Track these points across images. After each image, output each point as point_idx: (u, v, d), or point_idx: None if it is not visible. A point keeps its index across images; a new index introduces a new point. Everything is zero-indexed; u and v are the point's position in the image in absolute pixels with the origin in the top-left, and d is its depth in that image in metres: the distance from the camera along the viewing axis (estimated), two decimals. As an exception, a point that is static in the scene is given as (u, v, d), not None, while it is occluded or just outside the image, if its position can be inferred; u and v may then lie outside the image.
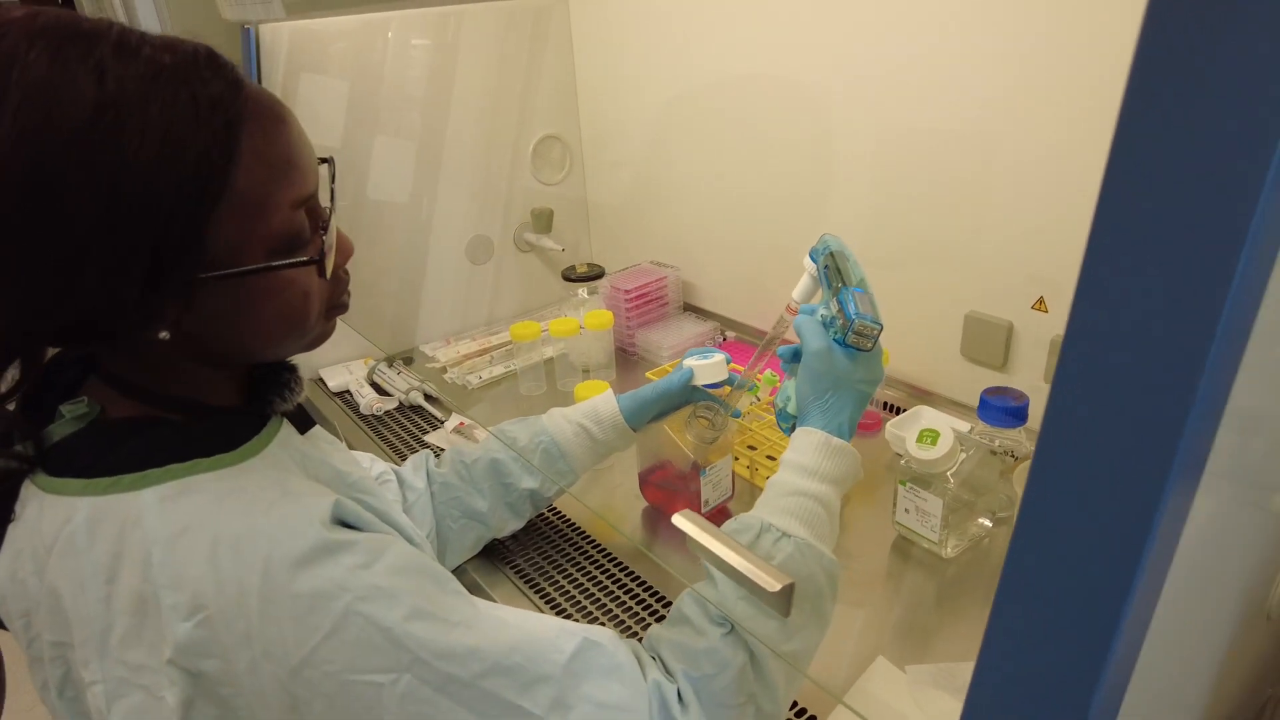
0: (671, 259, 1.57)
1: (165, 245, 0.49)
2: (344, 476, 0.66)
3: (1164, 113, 0.25)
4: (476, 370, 1.42)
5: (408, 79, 1.40)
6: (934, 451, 0.84)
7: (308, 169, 0.57)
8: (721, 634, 0.62)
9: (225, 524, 0.52)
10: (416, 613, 0.53)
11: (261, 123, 0.53)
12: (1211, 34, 0.23)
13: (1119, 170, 0.27)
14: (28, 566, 0.54)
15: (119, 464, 0.53)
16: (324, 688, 0.50)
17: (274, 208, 0.53)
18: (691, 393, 0.96)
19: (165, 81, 0.48)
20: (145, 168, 0.47)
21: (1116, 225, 0.28)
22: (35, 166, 0.45)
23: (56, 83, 0.45)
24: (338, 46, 1.35)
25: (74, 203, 0.46)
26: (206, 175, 0.49)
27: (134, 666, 0.50)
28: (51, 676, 0.55)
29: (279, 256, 0.55)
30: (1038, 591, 0.34)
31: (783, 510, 0.68)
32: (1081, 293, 0.29)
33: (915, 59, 1.06)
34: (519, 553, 0.98)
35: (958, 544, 0.91)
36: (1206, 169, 0.24)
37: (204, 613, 0.49)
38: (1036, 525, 0.33)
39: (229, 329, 0.56)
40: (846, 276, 0.78)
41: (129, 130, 0.46)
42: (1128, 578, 0.30)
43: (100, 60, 0.47)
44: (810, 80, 1.21)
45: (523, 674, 0.55)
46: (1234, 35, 0.23)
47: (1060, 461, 0.31)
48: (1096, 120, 0.90)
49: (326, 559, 0.52)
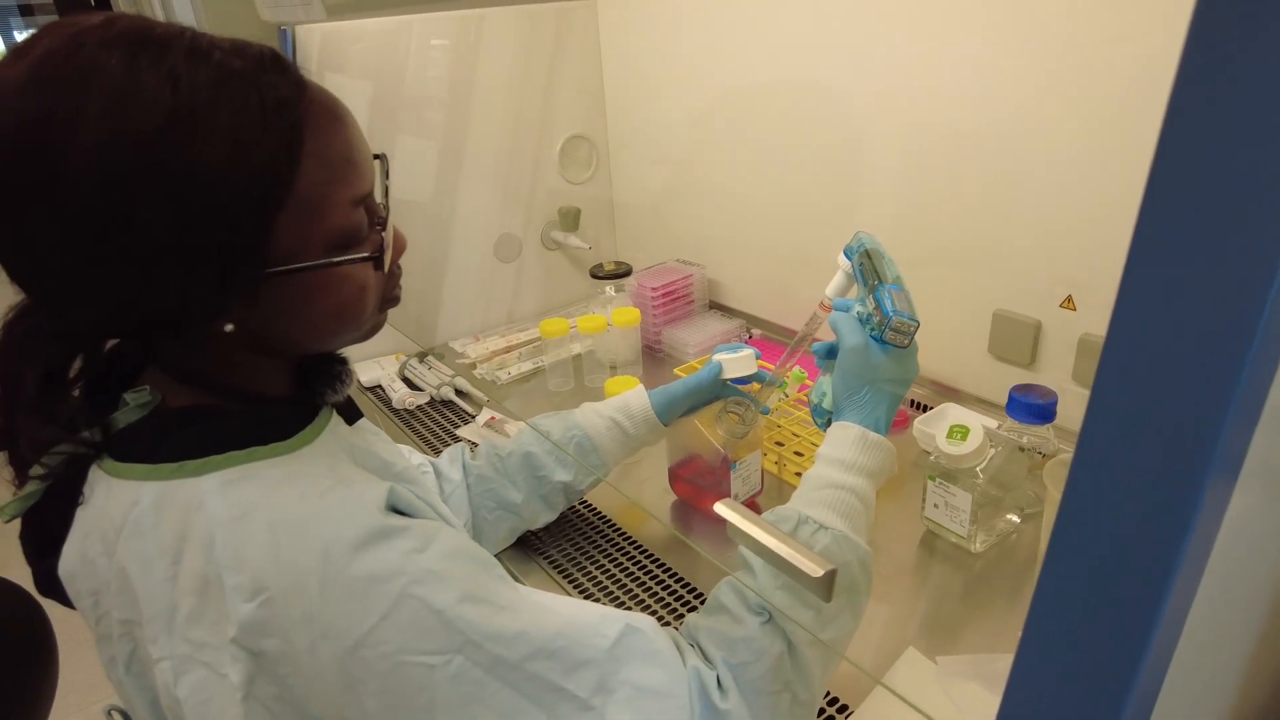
0: (696, 257, 1.58)
1: (233, 244, 0.51)
2: (389, 466, 0.68)
3: (1208, 113, 0.26)
4: (506, 366, 1.44)
5: (435, 80, 1.43)
6: (964, 447, 0.85)
7: (365, 167, 0.59)
8: (760, 623, 0.64)
9: (284, 509, 0.53)
10: (467, 596, 0.54)
11: (322, 124, 0.55)
12: (1257, 33, 0.24)
13: (1163, 171, 0.28)
14: (97, 547, 0.56)
15: (181, 451, 0.55)
16: (378, 668, 0.52)
17: (334, 206, 0.55)
18: (721, 388, 0.98)
19: (234, 85, 0.50)
20: (216, 169, 0.49)
21: (1159, 226, 0.28)
22: (114, 171, 0.47)
23: (134, 89, 0.47)
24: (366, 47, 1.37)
25: (149, 205, 0.48)
26: (273, 176, 0.51)
27: (198, 644, 0.52)
28: (120, 652, 0.57)
29: (338, 252, 0.56)
30: (1076, 588, 0.34)
31: (820, 503, 0.70)
32: (1124, 293, 0.30)
33: (942, 59, 1.07)
34: (551, 543, 0.99)
35: (986, 539, 0.92)
36: (1248, 171, 0.25)
37: (265, 594, 0.51)
38: (1076, 523, 0.34)
39: (289, 322, 0.58)
40: (882, 274, 0.79)
41: (201, 134, 0.48)
42: (1165, 575, 0.31)
43: (174, 66, 0.48)
44: (836, 80, 1.22)
45: (567, 657, 0.57)
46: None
47: (1101, 459, 0.32)
48: (1125, 120, 0.91)
49: (382, 543, 0.53)
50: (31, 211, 0.48)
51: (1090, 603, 0.34)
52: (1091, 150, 0.96)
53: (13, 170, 0.47)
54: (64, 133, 0.46)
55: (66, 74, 0.47)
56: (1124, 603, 0.33)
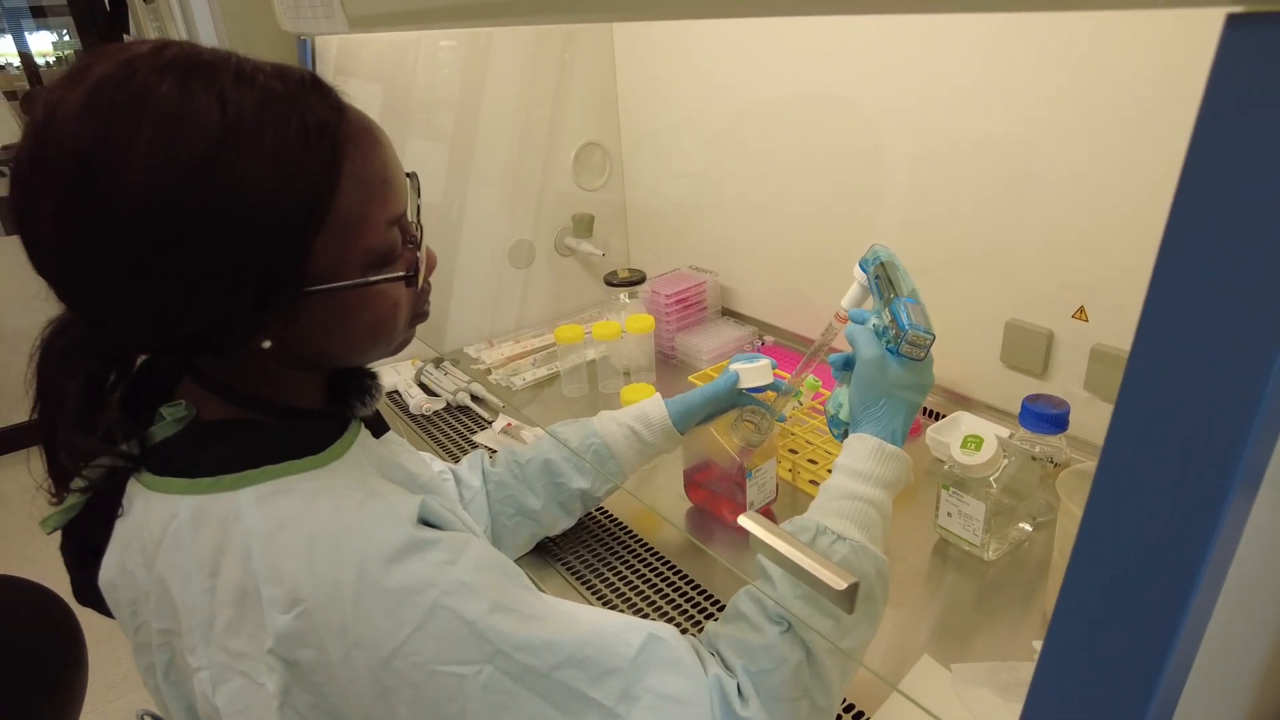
0: (709, 264, 1.60)
1: (275, 263, 0.52)
2: (415, 478, 0.69)
3: (1237, 125, 0.27)
4: (520, 372, 1.46)
5: (448, 86, 1.44)
6: (978, 457, 0.86)
7: (400, 187, 0.60)
8: (779, 631, 0.65)
9: (319, 522, 0.55)
10: (497, 607, 0.56)
11: (360, 145, 0.56)
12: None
13: (1191, 185, 0.29)
14: (136, 559, 0.57)
15: (218, 465, 0.56)
16: (412, 677, 0.53)
17: (371, 226, 0.57)
18: (737, 396, 0.99)
19: (278, 108, 0.51)
20: (261, 191, 0.50)
21: (1184, 237, 0.29)
22: (164, 194, 0.48)
23: (185, 114, 0.48)
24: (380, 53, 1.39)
25: (196, 225, 0.49)
26: (314, 197, 0.52)
27: (235, 654, 0.54)
28: (158, 661, 0.58)
29: (374, 271, 0.58)
30: (1098, 598, 0.35)
31: (837, 513, 0.71)
32: (1150, 305, 0.30)
33: (956, 69, 1.08)
34: (569, 550, 1.01)
35: (999, 547, 0.93)
36: (1273, 186, 0.26)
37: (302, 605, 0.52)
38: (1099, 533, 0.34)
39: (325, 338, 0.59)
40: (898, 286, 0.80)
41: (247, 156, 0.49)
42: (1187, 584, 0.31)
43: (222, 90, 0.50)
44: (849, 88, 1.23)
45: (594, 666, 0.58)
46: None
47: (1125, 468, 0.33)
48: (1138, 130, 0.92)
49: (415, 556, 0.55)
50: (85, 231, 0.49)
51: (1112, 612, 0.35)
52: (1104, 160, 0.97)
53: (69, 191, 0.48)
54: (119, 156, 0.47)
55: (122, 99, 0.48)
56: (1146, 612, 0.33)
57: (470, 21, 0.86)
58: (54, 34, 4.03)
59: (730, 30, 1.39)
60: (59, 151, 0.48)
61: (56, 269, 0.52)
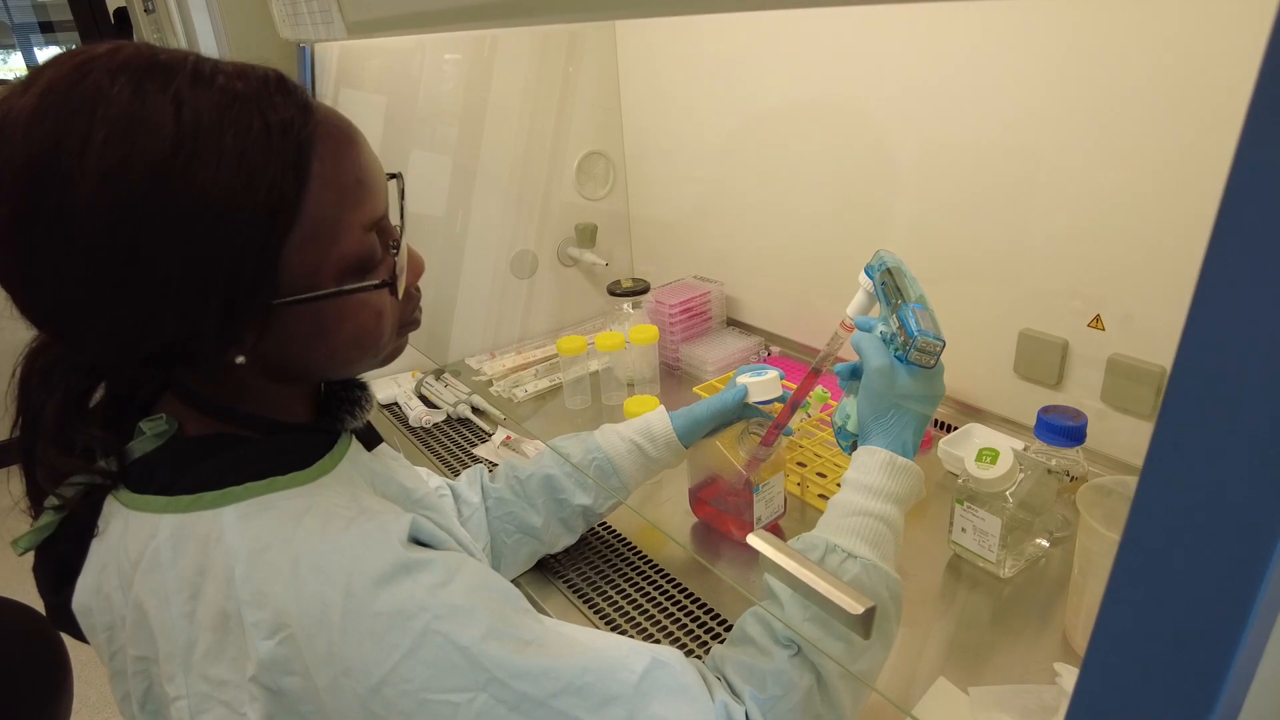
0: (714, 273, 1.57)
1: (241, 272, 0.50)
2: (410, 493, 0.67)
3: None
4: (522, 384, 1.43)
5: (451, 95, 1.43)
6: (994, 471, 0.84)
7: (378, 190, 0.57)
8: (788, 655, 0.62)
9: (305, 542, 0.52)
10: (492, 631, 0.53)
11: (331, 146, 0.53)
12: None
13: (1236, 193, 0.26)
14: (113, 581, 0.55)
15: (199, 482, 0.54)
16: (402, 706, 0.51)
17: (345, 231, 0.54)
18: (743, 409, 0.96)
19: (239, 109, 0.49)
20: (220, 196, 0.48)
21: (1236, 240, 0.27)
22: (119, 199, 0.46)
23: (138, 116, 0.46)
24: (382, 63, 1.37)
25: (152, 235, 0.47)
26: (279, 201, 0.50)
27: (217, 682, 0.51)
28: (134, 689, 0.56)
29: (351, 279, 0.55)
30: (1141, 626, 0.33)
31: (847, 530, 0.68)
32: (1193, 320, 0.28)
33: (963, 75, 1.06)
34: (571, 566, 0.98)
35: (1015, 564, 0.90)
36: None
37: (286, 631, 0.50)
38: (1140, 554, 0.32)
39: (304, 350, 0.57)
40: (905, 292, 0.77)
41: (205, 160, 0.47)
42: (1240, 617, 0.29)
43: (178, 91, 0.48)
44: (855, 97, 1.21)
45: (594, 693, 0.55)
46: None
47: (1168, 494, 0.30)
48: (1154, 136, 0.90)
49: (405, 578, 0.52)
50: (40, 241, 0.47)
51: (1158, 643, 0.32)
52: (1119, 165, 0.94)
53: (21, 200, 0.46)
54: (70, 161, 0.45)
55: (72, 102, 0.46)
56: (1197, 642, 0.30)
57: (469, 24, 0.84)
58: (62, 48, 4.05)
59: (735, 38, 1.37)
60: (9, 159, 0.46)
61: (16, 281, 0.50)
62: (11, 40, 3.89)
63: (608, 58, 1.59)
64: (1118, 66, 0.91)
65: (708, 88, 1.46)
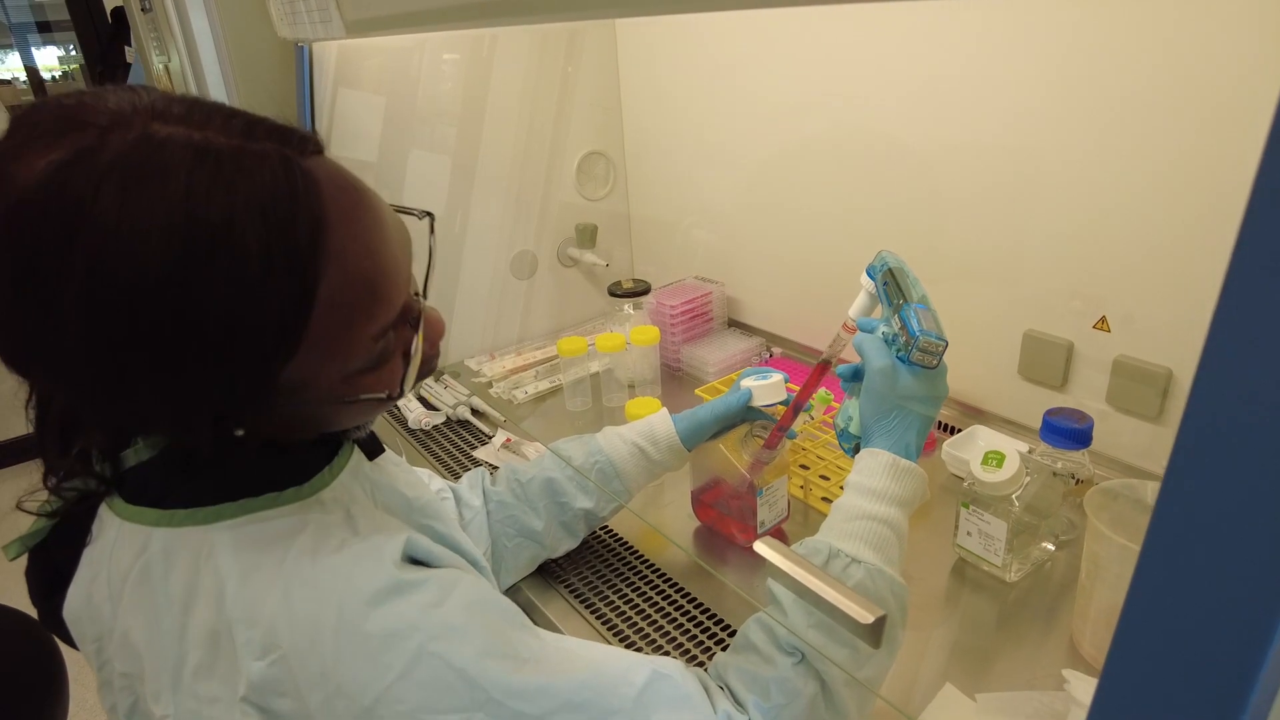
0: (715, 274, 1.56)
1: (234, 391, 0.48)
2: (411, 502, 0.66)
3: None
4: (522, 385, 1.42)
5: (450, 94, 1.42)
6: (1000, 474, 0.83)
7: (394, 292, 0.53)
8: (792, 663, 0.61)
9: (297, 562, 0.52)
10: (488, 650, 0.52)
11: (339, 264, 0.48)
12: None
13: (1263, 196, 0.25)
14: (103, 591, 0.54)
15: (193, 496, 0.53)
16: None
17: (354, 343, 0.52)
18: (746, 412, 0.95)
19: (239, 232, 0.44)
20: (215, 327, 0.45)
21: (1259, 255, 0.26)
22: (97, 319, 0.43)
23: (126, 233, 0.42)
24: (381, 62, 1.36)
25: (141, 362, 0.45)
26: (279, 334, 0.47)
27: (206, 700, 0.50)
28: (120, 703, 0.55)
29: (361, 374, 0.54)
30: (1163, 642, 0.32)
31: (851, 535, 0.67)
32: (1218, 323, 0.27)
33: (966, 75, 1.05)
34: (572, 571, 0.97)
35: (1020, 568, 0.89)
36: None
37: (278, 651, 0.49)
38: (1162, 565, 0.31)
39: (308, 426, 0.57)
40: (907, 293, 0.76)
41: (196, 295, 0.44)
42: (1264, 639, 0.28)
43: (170, 208, 0.43)
44: (857, 96, 1.20)
45: (593, 709, 0.54)
46: None
47: (1191, 502, 0.29)
48: (1161, 137, 0.89)
49: (399, 598, 0.51)
50: (22, 338, 0.45)
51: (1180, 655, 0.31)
52: (1124, 167, 0.93)
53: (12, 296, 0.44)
54: (52, 273, 0.42)
55: (55, 210, 0.42)
56: (1220, 655, 0.29)
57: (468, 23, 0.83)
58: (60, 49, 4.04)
59: (735, 38, 1.36)
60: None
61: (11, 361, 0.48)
62: (9, 40, 3.88)
63: (608, 57, 1.58)
64: (1120, 66, 0.90)
65: (708, 88, 1.45)
